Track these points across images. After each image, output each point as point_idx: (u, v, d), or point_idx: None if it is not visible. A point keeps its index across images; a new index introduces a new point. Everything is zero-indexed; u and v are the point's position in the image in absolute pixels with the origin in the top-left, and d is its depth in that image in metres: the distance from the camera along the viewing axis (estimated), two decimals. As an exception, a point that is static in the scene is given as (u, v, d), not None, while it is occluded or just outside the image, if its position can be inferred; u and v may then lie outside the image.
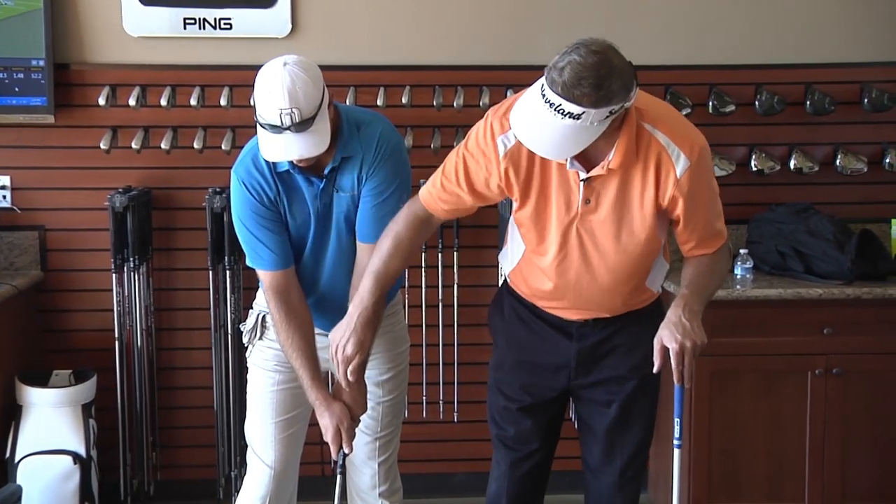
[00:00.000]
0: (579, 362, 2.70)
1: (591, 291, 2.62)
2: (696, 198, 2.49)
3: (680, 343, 2.46)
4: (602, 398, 2.73)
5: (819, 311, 3.71)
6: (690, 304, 2.52)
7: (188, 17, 4.03)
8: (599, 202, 2.51)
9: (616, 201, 2.50)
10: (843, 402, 3.74)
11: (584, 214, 2.52)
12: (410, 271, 4.01)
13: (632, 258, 2.57)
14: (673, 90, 4.06)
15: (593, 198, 2.50)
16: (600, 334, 2.69)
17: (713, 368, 3.70)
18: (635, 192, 2.49)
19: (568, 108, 2.24)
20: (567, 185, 2.51)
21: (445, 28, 4.12)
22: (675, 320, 2.48)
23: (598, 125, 2.29)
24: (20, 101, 3.96)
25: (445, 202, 2.64)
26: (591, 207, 2.51)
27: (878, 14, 4.21)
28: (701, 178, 2.49)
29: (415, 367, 3.57)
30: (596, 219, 2.52)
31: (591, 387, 2.73)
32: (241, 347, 3.13)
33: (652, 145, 2.44)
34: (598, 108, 2.24)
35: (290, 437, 2.95)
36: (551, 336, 2.71)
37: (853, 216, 4.14)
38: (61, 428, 3.82)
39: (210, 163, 4.02)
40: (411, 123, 4.01)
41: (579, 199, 2.51)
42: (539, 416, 2.79)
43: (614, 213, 2.51)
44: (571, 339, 2.69)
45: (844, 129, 4.20)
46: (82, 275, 4.12)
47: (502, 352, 2.82)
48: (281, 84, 2.54)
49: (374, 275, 2.63)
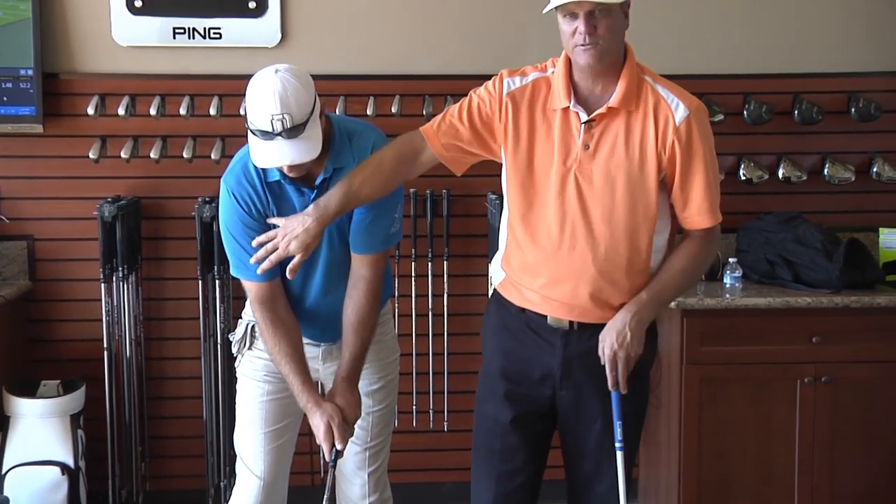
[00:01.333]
0: (564, 372, 2.66)
1: (586, 259, 2.56)
2: (693, 151, 2.52)
3: (614, 352, 2.53)
4: (587, 414, 2.68)
5: (808, 320, 3.72)
6: (642, 313, 2.55)
7: (178, 27, 4.03)
8: (599, 148, 2.53)
9: (615, 148, 2.52)
10: (832, 410, 3.75)
11: (583, 161, 2.54)
12: (400, 280, 4.01)
13: (630, 217, 2.54)
14: (662, 99, 4.07)
15: (592, 143, 2.53)
16: (586, 344, 2.63)
17: (703, 376, 3.71)
18: (635, 139, 2.52)
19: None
20: (568, 132, 2.55)
21: (434, 37, 4.13)
22: (619, 327, 2.53)
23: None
24: (8, 110, 3.96)
25: (444, 134, 2.65)
26: (590, 154, 2.53)
27: (866, 25, 4.24)
28: (699, 131, 2.53)
29: (405, 376, 3.57)
30: (595, 166, 2.53)
31: (576, 403, 2.68)
32: (231, 357, 3.12)
33: (651, 94, 2.54)
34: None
35: (279, 447, 2.94)
36: (536, 344, 2.67)
37: (841, 225, 4.16)
38: (49, 439, 3.81)
39: (199, 172, 4.02)
40: (401, 132, 3.99)
41: (578, 144, 2.54)
42: (525, 430, 2.73)
43: (614, 159, 2.52)
44: (556, 348, 2.66)
45: (832, 139, 4.23)
46: (71, 285, 4.11)
47: (488, 360, 2.81)
48: (272, 90, 2.54)
49: (346, 186, 2.62)
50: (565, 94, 2.55)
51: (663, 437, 3.93)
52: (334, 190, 2.63)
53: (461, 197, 4.06)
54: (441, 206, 4.08)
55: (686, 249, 2.63)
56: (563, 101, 2.55)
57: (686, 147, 2.51)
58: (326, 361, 2.94)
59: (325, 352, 2.95)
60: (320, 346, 2.94)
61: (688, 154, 2.52)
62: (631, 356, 2.53)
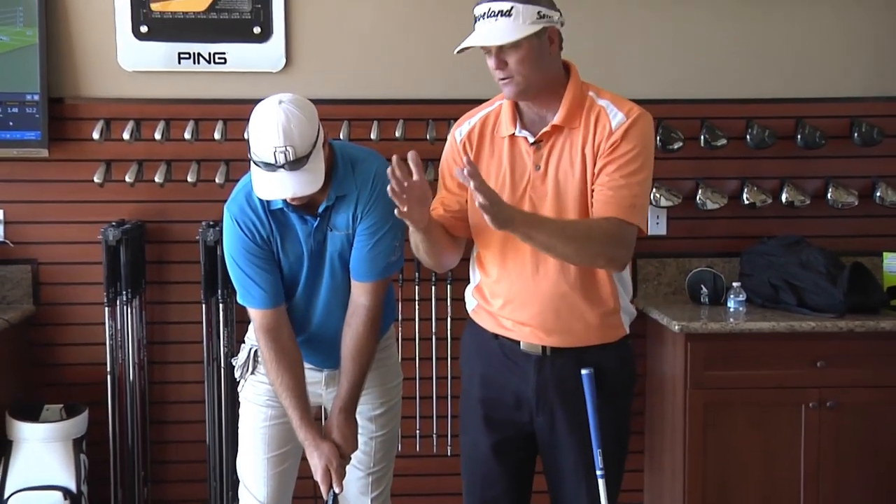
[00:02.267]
0: (539, 398, 2.64)
1: (550, 280, 2.55)
2: (620, 147, 2.50)
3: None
4: (563, 439, 2.65)
5: (812, 344, 3.71)
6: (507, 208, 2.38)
7: (183, 52, 4.06)
8: (548, 166, 2.56)
9: (561, 163, 2.55)
10: (837, 435, 3.73)
11: (535, 181, 2.57)
12: (403, 304, 4.01)
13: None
14: (665, 124, 4.08)
15: (542, 163, 2.57)
16: (559, 370, 2.61)
17: (707, 400, 3.70)
18: (577, 150, 2.54)
19: (497, 7, 2.46)
20: (518, 156, 2.60)
21: (438, 62, 4.14)
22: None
23: (531, 24, 2.46)
24: (14, 135, 3.97)
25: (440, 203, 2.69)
26: (542, 173, 2.57)
27: (868, 50, 4.26)
28: (633, 134, 2.51)
29: (408, 400, 3.56)
30: (547, 185, 2.56)
31: (551, 430, 2.66)
32: (234, 382, 3.12)
33: (594, 107, 2.57)
34: (525, 4, 2.45)
35: (282, 472, 2.93)
36: (511, 370, 2.66)
37: (845, 249, 4.15)
38: (52, 463, 3.80)
39: (204, 196, 4.03)
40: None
41: (529, 165, 2.58)
42: (507, 457, 2.71)
43: (561, 175, 2.55)
44: (529, 374, 2.64)
45: (835, 163, 4.23)
46: (75, 308, 4.11)
47: (466, 388, 2.80)
48: (276, 122, 2.54)
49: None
50: (511, 121, 2.61)
51: (667, 461, 3.92)
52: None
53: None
54: (444, 230, 4.08)
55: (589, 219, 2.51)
56: (510, 129, 2.61)
57: (613, 147, 2.51)
58: (329, 386, 2.94)
59: (327, 377, 2.94)
60: (323, 371, 2.94)
61: (612, 149, 2.51)
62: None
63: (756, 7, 4.22)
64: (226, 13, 4.05)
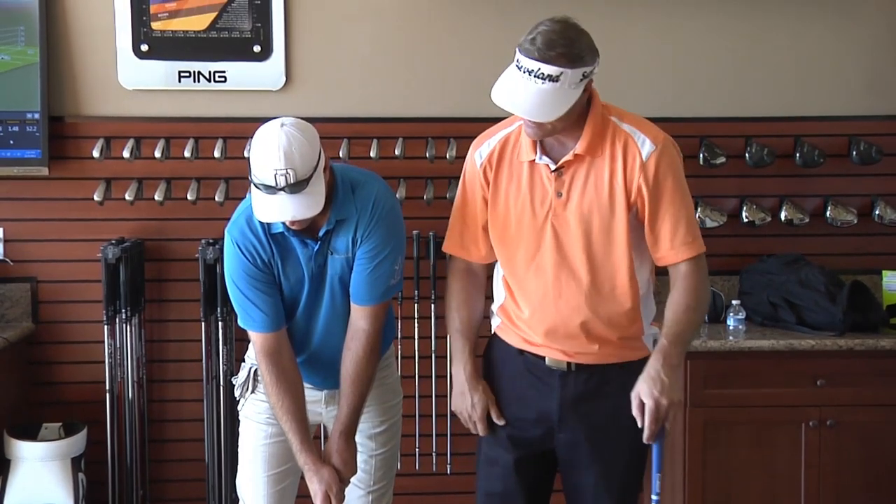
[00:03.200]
0: (561, 415, 2.66)
1: (574, 302, 2.59)
2: (661, 186, 2.53)
3: (656, 400, 2.44)
4: (584, 458, 2.67)
5: (812, 363, 3.70)
6: (670, 357, 2.50)
7: (183, 71, 4.07)
8: (570, 194, 2.57)
9: (586, 190, 2.56)
10: (838, 454, 3.72)
11: (557, 208, 2.58)
12: (403, 323, 4.01)
13: (608, 257, 2.57)
14: (663, 142, 4.09)
15: (564, 190, 2.57)
16: (583, 386, 2.64)
17: (706, 419, 3.69)
18: (604, 179, 2.55)
19: (546, 71, 2.40)
20: (539, 181, 2.59)
21: (438, 81, 4.16)
22: (654, 375, 2.47)
23: (575, 88, 2.42)
24: (14, 153, 3.98)
25: (472, 240, 2.73)
26: (563, 200, 2.57)
27: (866, 68, 4.27)
28: (667, 166, 2.54)
29: (408, 418, 3.55)
30: (569, 212, 2.57)
31: (573, 447, 2.68)
32: (233, 399, 3.11)
33: (618, 133, 2.56)
34: (574, 67, 2.40)
35: (281, 490, 2.92)
36: (534, 386, 2.68)
37: (844, 267, 4.15)
38: (50, 482, 3.78)
39: (203, 214, 4.03)
40: (404, 175, 4.03)
41: (551, 192, 2.57)
42: (526, 474, 2.73)
43: (586, 203, 2.56)
44: (554, 390, 2.66)
45: (834, 182, 4.24)
46: (74, 326, 4.11)
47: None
48: (277, 144, 2.54)
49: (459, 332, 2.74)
50: (531, 147, 2.61)
51: (668, 481, 3.90)
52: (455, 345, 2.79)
53: (464, 239, 4.07)
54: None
55: (680, 287, 2.62)
56: (530, 154, 2.61)
57: (654, 183, 2.53)
58: (329, 405, 2.94)
59: (327, 396, 2.94)
60: (323, 391, 2.94)
61: (656, 190, 2.54)
62: (674, 403, 2.46)
63: (755, 25, 4.24)
64: (226, 32, 4.06)
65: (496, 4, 4.12)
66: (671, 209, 2.56)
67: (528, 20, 3.25)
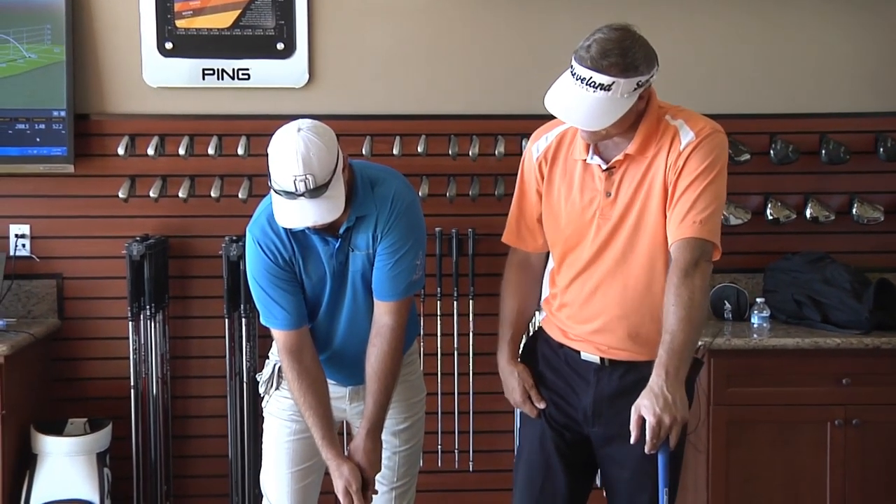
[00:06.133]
0: (595, 410, 2.68)
1: (618, 300, 2.60)
2: (688, 167, 2.50)
3: (658, 417, 2.38)
4: (616, 454, 2.68)
5: (837, 361, 3.68)
6: (671, 371, 2.41)
7: (207, 68, 4.09)
8: (619, 193, 2.57)
9: (633, 190, 2.55)
10: (863, 454, 3.69)
11: (605, 208, 2.58)
12: (426, 320, 4.00)
13: (653, 255, 2.56)
14: (687, 139, 4.07)
15: (613, 190, 2.57)
16: (618, 383, 2.65)
17: (730, 418, 3.67)
18: (649, 177, 2.54)
19: (598, 80, 2.39)
20: (590, 180, 2.60)
21: (460, 77, 4.16)
22: (656, 391, 2.40)
23: (628, 98, 2.42)
24: (41, 151, 4.01)
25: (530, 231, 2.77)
26: (611, 200, 2.57)
27: (892, 65, 4.23)
28: (701, 151, 2.51)
29: (430, 415, 3.55)
30: (615, 211, 2.57)
31: (607, 442, 2.69)
32: (256, 396, 3.13)
33: (667, 130, 2.55)
34: (627, 77, 2.39)
35: (305, 487, 2.93)
36: (572, 379, 2.71)
37: (870, 265, 4.12)
38: (76, 477, 3.81)
39: (227, 211, 4.05)
40: (426, 172, 4.04)
41: (601, 191, 2.58)
42: (567, 458, 2.74)
43: (633, 202, 2.55)
44: (589, 384, 2.68)
45: (860, 179, 4.20)
46: (99, 323, 4.14)
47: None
48: (295, 150, 2.53)
49: (506, 320, 2.81)
50: (584, 147, 2.61)
51: (690, 480, 3.88)
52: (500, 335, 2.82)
53: (486, 236, 4.05)
54: (467, 244, 4.08)
55: (672, 297, 2.47)
56: (582, 154, 2.62)
57: (684, 164, 2.51)
58: (353, 401, 2.94)
59: (352, 392, 2.95)
60: (347, 387, 2.94)
61: (684, 170, 2.51)
62: (677, 420, 2.38)
63: (778, 22, 4.21)
64: (250, 30, 4.08)
65: (518, 1, 4.11)
66: (693, 187, 2.49)
67: (548, 16, 3.31)
